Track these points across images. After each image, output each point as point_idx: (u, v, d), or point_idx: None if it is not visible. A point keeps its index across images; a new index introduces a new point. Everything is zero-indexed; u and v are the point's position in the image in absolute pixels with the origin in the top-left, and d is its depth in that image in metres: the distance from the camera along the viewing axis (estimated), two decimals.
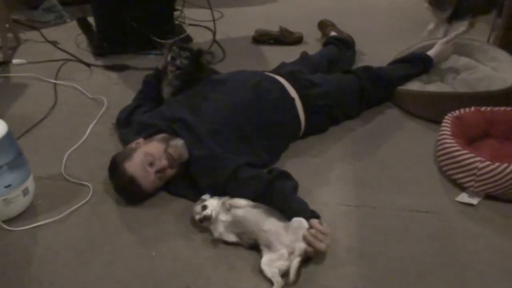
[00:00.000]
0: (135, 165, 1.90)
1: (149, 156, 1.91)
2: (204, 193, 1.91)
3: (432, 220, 1.91)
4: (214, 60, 2.43)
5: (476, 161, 1.98)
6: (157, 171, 1.93)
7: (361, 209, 1.96)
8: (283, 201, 1.80)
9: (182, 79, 2.33)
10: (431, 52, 2.77)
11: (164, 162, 1.93)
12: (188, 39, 3.28)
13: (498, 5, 3.00)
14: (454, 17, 3.04)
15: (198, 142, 2.00)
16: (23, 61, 3.04)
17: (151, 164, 1.91)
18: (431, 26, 3.09)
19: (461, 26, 3.19)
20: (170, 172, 1.97)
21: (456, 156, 2.06)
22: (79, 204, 1.96)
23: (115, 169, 1.95)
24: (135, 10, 2.98)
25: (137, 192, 1.94)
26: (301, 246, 1.65)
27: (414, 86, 2.62)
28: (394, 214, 1.94)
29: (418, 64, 2.71)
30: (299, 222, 1.70)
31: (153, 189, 1.97)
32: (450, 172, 2.09)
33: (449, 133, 2.17)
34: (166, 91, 2.37)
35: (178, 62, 2.30)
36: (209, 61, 2.38)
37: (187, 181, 2.00)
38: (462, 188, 2.05)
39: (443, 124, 2.25)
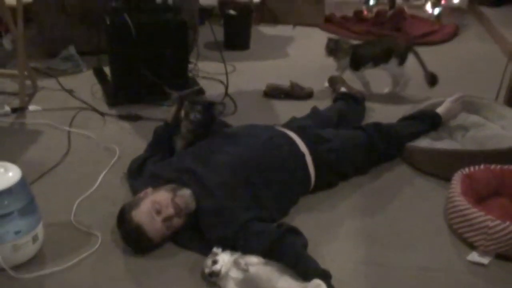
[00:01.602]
0: (142, 213, 1.91)
1: (156, 204, 1.92)
2: (212, 247, 1.88)
3: (442, 279, 1.88)
4: (225, 111, 2.47)
5: (486, 220, 1.97)
6: (164, 220, 1.93)
7: (370, 266, 1.94)
8: (294, 258, 1.79)
9: (195, 133, 2.36)
10: (440, 110, 2.80)
11: (171, 211, 1.93)
12: (201, 91, 3.34)
13: (396, 54, 3.23)
14: (354, 65, 3.26)
15: (207, 194, 2.01)
16: (39, 108, 3.10)
17: (158, 213, 1.92)
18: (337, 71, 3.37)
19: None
20: (177, 221, 1.97)
21: (466, 215, 2.05)
22: (87, 253, 1.95)
23: (123, 217, 1.96)
24: (150, 62, 3.05)
25: (144, 241, 1.93)
26: None
27: (423, 143, 2.64)
28: (403, 272, 1.91)
29: (427, 121, 2.74)
30: (318, 285, 1.65)
31: (160, 238, 1.97)
32: (460, 230, 2.08)
33: (459, 191, 2.17)
34: (179, 144, 2.40)
35: (192, 116, 2.34)
36: (221, 111, 2.42)
37: (196, 234, 2.00)
38: (472, 246, 2.03)
39: (452, 181, 2.25)
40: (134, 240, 1.95)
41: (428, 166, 2.56)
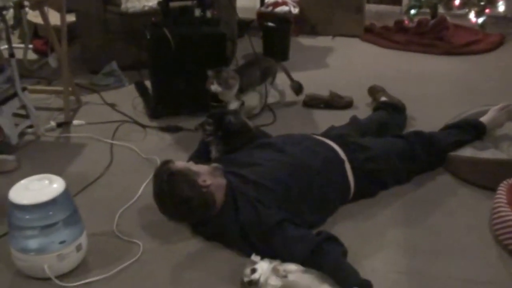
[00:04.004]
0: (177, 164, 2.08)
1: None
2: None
3: None
4: (237, 120, 2.50)
5: None
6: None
7: (413, 277, 1.90)
8: (333, 267, 1.77)
9: (218, 143, 2.47)
10: (484, 119, 2.73)
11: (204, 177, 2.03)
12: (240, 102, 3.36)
13: (270, 77, 3.24)
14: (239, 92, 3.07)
15: (244, 193, 2.04)
16: (82, 122, 3.18)
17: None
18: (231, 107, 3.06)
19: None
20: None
21: None
22: (129, 262, 1.99)
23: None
24: (189, 76, 3.10)
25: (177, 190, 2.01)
26: None
27: (466, 152, 2.57)
28: (447, 284, 1.87)
29: (471, 130, 2.67)
30: None
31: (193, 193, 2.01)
32: (506, 242, 2.02)
33: (504, 201, 2.11)
34: (214, 154, 2.49)
35: (206, 127, 2.48)
36: (230, 121, 2.47)
37: (239, 237, 2.01)
38: None
39: (498, 191, 2.19)
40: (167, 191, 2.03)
41: (472, 176, 2.49)
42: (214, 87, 2.92)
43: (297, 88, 3.39)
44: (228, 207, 2.04)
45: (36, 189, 1.84)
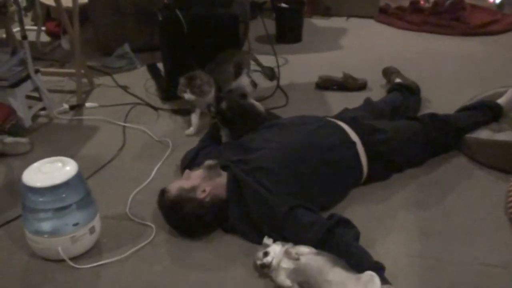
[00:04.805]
0: (172, 185, 2.05)
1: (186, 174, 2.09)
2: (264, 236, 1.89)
3: (504, 276, 1.81)
4: (232, 105, 2.49)
5: None
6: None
7: (426, 260, 1.89)
8: (346, 250, 1.76)
9: (224, 127, 2.49)
10: (501, 100, 2.68)
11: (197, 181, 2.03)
12: (253, 84, 3.34)
13: (245, 68, 3.04)
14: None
15: (253, 180, 2.02)
16: (95, 104, 3.19)
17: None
18: (193, 121, 2.85)
19: None
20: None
21: None
22: (142, 244, 2.00)
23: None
24: (201, 58, 3.08)
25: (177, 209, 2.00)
26: None
27: (482, 134, 2.53)
28: (461, 268, 1.85)
29: (487, 112, 2.63)
30: (371, 276, 1.60)
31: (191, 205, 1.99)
32: None
33: None
34: (224, 138, 2.52)
35: (211, 109, 2.53)
36: (222, 107, 2.48)
37: (249, 223, 2.00)
38: None
39: None
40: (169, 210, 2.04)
41: (487, 158, 2.46)
42: (187, 96, 2.68)
43: (269, 73, 3.30)
44: (233, 200, 2.03)
45: (49, 171, 1.85)
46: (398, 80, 3.17)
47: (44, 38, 4.28)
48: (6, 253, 1.99)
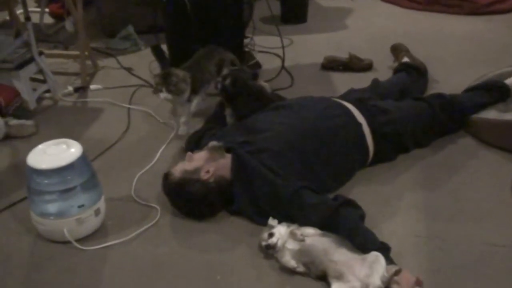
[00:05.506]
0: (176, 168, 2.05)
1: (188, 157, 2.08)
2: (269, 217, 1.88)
3: (509, 255, 1.80)
4: (235, 84, 2.44)
5: None
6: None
7: (432, 241, 1.88)
8: (351, 230, 1.76)
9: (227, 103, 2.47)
10: (509, 81, 2.65)
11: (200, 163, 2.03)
12: (257, 65, 3.32)
13: (225, 67, 2.81)
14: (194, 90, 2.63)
15: (258, 162, 2.01)
16: (99, 86, 3.18)
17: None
18: (182, 121, 2.66)
19: None
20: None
21: None
22: (147, 226, 2.00)
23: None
24: (206, 38, 3.05)
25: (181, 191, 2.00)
26: (376, 283, 1.56)
27: (489, 114, 2.51)
28: (468, 248, 1.85)
29: (494, 92, 2.60)
30: (376, 257, 1.61)
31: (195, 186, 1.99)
32: None
33: None
34: (228, 119, 2.50)
35: (218, 86, 2.48)
36: (225, 86, 2.44)
37: (253, 204, 2.00)
38: None
39: None
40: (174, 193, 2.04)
41: (494, 138, 2.44)
42: (163, 95, 2.49)
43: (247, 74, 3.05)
44: (237, 182, 2.02)
45: (54, 153, 1.85)
46: (406, 59, 3.13)
47: (48, 20, 4.25)
48: (12, 234, 2.00)
